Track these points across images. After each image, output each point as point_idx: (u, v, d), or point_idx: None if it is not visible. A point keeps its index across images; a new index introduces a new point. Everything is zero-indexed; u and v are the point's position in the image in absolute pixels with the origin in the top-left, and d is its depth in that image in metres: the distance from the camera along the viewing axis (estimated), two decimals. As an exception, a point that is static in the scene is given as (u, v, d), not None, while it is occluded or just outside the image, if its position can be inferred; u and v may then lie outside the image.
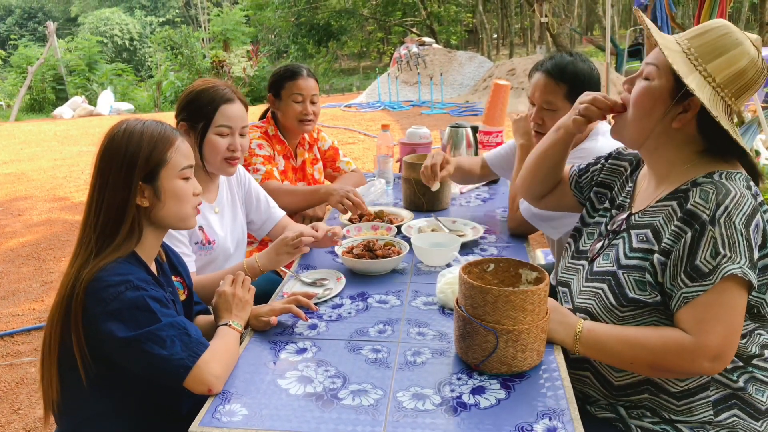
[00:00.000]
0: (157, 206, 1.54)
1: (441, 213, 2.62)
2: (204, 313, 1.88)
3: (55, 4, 38.52)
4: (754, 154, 4.43)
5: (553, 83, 2.16)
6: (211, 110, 2.09)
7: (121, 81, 18.61)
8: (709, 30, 1.45)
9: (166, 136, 1.55)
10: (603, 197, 1.79)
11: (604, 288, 1.53)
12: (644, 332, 1.43)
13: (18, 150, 9.91)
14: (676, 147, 1.51)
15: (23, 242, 5.47)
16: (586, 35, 22.50)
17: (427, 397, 1.35)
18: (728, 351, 1.36)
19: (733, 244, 1.34)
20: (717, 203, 1.36)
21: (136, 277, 1.46)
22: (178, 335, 1.43)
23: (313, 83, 2.84)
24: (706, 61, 1.42)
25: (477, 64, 14.87)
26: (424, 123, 9.58)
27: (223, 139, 2.11)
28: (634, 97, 1.52)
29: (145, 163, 1.50)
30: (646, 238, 1.49)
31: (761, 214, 1.39)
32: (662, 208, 1.49)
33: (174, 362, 1.40)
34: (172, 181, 1.55)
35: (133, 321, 1.41)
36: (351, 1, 24.03)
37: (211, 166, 2.16)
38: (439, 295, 1.79)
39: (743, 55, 1.41)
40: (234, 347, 1.55)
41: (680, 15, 17.54)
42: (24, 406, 3.04)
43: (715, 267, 1.34)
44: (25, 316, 4.03)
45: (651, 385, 1.48)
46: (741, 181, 1.42)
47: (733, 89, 1.43)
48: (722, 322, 1.34)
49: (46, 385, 1.53)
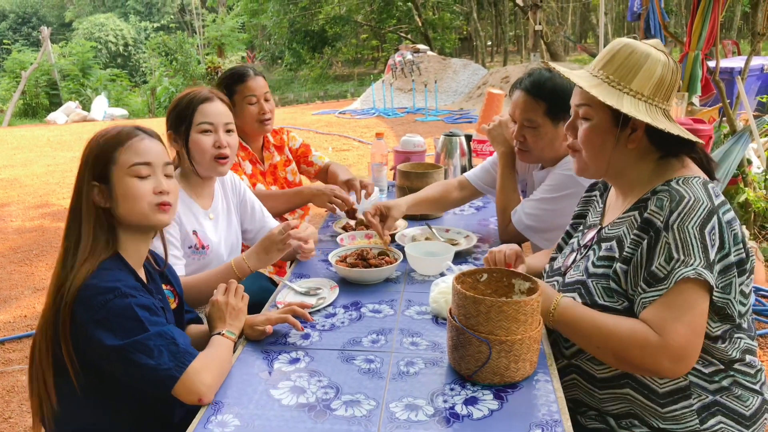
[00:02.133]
0: (113, 205, 1.54)
1: (435, 222, 2.62)
2: (195, 321, 1.88)
3: (49, 9, 38.45)
4: (746, 163, 4.45)
5: (532, 100, 2.19)
6: (190, 112, 2.11)
7: (115, 86, 18.58)
8: (615, 53, 1.53)
9: (120, 135, 1.56)
10: (578, 225, 1.85)
11: (575, 296, 1.57)
12: (617, 321, 1.45)
13: (11, 155, 9.87)
14: (636, 163, 1.58)
15: (14, 248, 5.44)
16: (580, 43, 22.63)
17: (419, 408, 1.35)
18: (690, 353, 1.39)
19: (686, 248, 1.38)
20: (671, 210, 1.41)
21: (125, 284, 1.46)
22: (165, 345, 1.42)
23: (263, 81, 2.79)
24: (628, 82, 1.51)
25: (471, 71, 14.93)
26: (419, 130, 9.60)
27: (206, 136, 2.11)
28: (583, 140, 1.58)
29: (94, 162, 1.53)
30: (611, 247, 1.54)
31: (719, 215, 1.42)
32: (626, 218, 1.55)
33: (161, 372, 1.40)
34: (122, 179, 1.54)
35: (121, 329, 1.40)
36: (346, 8, 24.08)
37: (202, 168, 2.15)
38: (433, 305, 1.79)
39: (656, 63, 1.50)
40: (227, 356, 1.54)
41: (673, 24, 17.66)
42: (15, 415, 3.01)
43: (670, 272, 1.38)
44: (16, 323, 4.01)
45: (632, 379, 1.50)
46: (698, 185, 1.46)
47: (662, 94, 1.51)
48: (682, 322, 1.37)
49: (35, 394, 1.53)
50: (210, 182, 2.25)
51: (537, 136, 2.20)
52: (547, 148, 2.23)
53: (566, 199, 2.15)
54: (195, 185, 2.19)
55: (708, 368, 1.47)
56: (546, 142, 2.21)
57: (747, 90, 5.91)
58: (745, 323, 1.52)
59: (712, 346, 1.47)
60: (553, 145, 2.22)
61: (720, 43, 5.15)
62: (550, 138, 2.20)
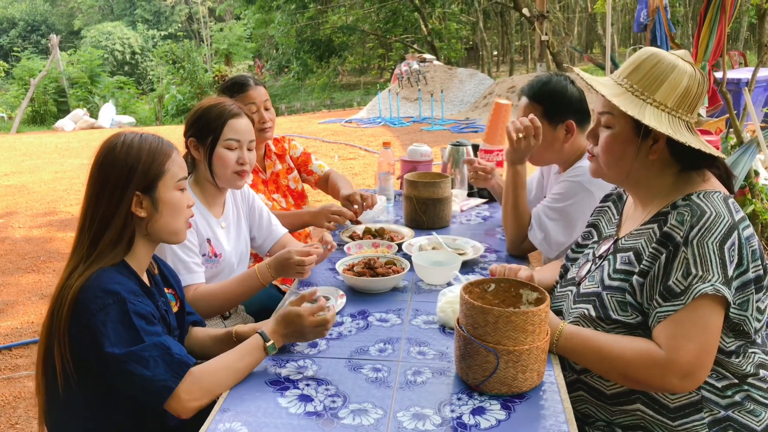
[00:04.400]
0: (153, 217, 1.57)
1: (441, 231, 2.63)
2: (199, 324, 1.89)
3: (58, 17, 38.73)
4: (753, 174, 4.44)
5: (530, 103, 2.26)
6: (219, 125, 2.13)
7: (122, 94, 18.69)
8: (641, 63, 1.52)
9: (164, 148, 1.60)
10: (590, 234, 1.83)
11: (589, 308, 1.56)
12: (620, 344, 1.45)
13: (19, 162, 9.92)
14: (656, 174, 1.56)
15: (22, 254, 5.46)
16: (586, 53, 22.62)
17: (427, 417, 1.35)
18: (699, 370, 1.38)
19: (705, 264, 1.37)
20: (691, 225, 1.40)
21: (125, 288, 1.47)
22: (161, 355, 1.44)
23: (263, 90, 2.81)
24: (652, 92, 1.49)
25: (477, 81, 14.94)
26: (425, 139, 9.61)
27: (231, 152, 2.14)
28: (603, 148, 1.58)
29: (144, 174, 1.54)
30: (628, 260, 1.53)
31: (739, 231, 1.41)
32: (645, 231, 1.54)
33: (157, 383, 1.42)
34: (169, 192, 1.59)
35: (117, 337, 1.42)
36: (353, 18, 24.18)
37: (221, 180, 2.18)
38: (440, 314, 1.80)
39: (682, 75, 1.48)
40: (243, 369, 1.52)
41: (679, 35, 17.66)
42: (21, 421, 3.02)
43: (687, 287, 1.38)
44: (24, 329, 4.03)
45: (643, 395, 1.50)
46: (718, 200, 1.45)
47: (686, 107, 1.49)
48: (694, 341, 1.37)
49: (40, 397, 1.55)
50: (223, 192, 2.27)
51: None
52: (547, 150, 2.26)
53: (574, 207, 2.17)
54: (208, 194, 2.21)
55: (721, 382, 1.47)
56: (545, 144, 2.24)
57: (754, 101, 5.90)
58: (759, 338, 1.51)
59: (726, 361, 1.46)
60: (553, 147, 2.26)
61: (727, 54, 5.15)
62: (549, 140, 2.24)
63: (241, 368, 1.52)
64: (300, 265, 1.94)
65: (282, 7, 23.28)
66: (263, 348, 1.56)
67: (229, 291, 2.03)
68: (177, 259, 2.00)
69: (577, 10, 24.80)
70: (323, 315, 1.57)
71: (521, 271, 1.84)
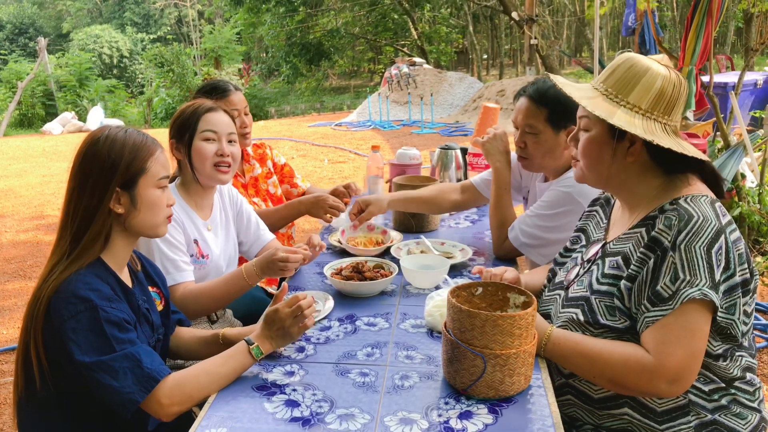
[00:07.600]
0: (132, 213, 1.56)
1: (430, 234, 2.62)
2: (184, 323, 1.88)
3: (46, 20, 38.50)
4: (740, 177, 4.47)
5: (535, 107, 2.22)
6: (194, 120, 2.14)
7: (111, 97, 18.59)
8: (617, 67, 1.54)
9: (148, 145, 1.59)
10: (578, 239, 1.83)
11: (578, 313, 1.56)
12: (609, 348, 1.46)
13: (6, 166, 9.85)
14: (638, 178, 1.57)
15: (9, 259, 5.42)
16: (575, 57, 22.74)
17: (414, 422, 1.35)
18: (687, 375, 1.39)
19: (692, 268, 1.38)
20: (679, 230, 1.40)
21: (99, 295, 1.45)
22: (131, 367, 1.42)
23: (242, 96, 2.83)
24: (625, 95, 1.51)
25: (467, 84, 14.98)
26: (414, 142, 9.62)
27: (209, 144, 2.14)
28: (582, 150, 1.60)
29: (125, 170, 1.54)
30: (617, 264, 1.54)
31: (726, 235, 1.42)
32: (633, 235, 1.54)
33: (123, 395, 1.40)
34: (149, 190, 1.58)
35: (88, 345, 1.41)
36: (342, 21, 24.20)
37: (202, 176, 2.16)
38: (428, 318, 1.79)
39: (656, 77, 1.49)
40: (226, 374, 1.51)
41: (667, 39, 17.80)
42: (7, 427, 2.99)
43: (675, 292, 1.38)
44: (10, 334, 3.99)
45: (630, 399, 1.50)
46: (705, 204, 1.46)
47: (662, 109, 1.50)
48: (683, 346, 1.37)
49: (16, 394, 1.54)
50: (210, 193, 2.26)
51: (537, 142, 2.22)
52: (547, 155, 2.24)
53: (563, 216, 2.15)
54: (195, 195, 2.20)
55: (708, 386, 1.47)
56: (546, 149, 2.22)
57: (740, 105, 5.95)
58: (746, 341, 1.51)
59: (714, 364, 1.47)
60: (553, 153, 2.23)
61: (714, 58, 5.19)
62: (550, 146, 2.22)
63: (224, 373, 1.50)
64: (284, 261, 1.93)
65: (272, 10, 23.26)
66: (248, 351, 1.54)
67: (216, 290, 2.02)
68: (165, 258, 1.99)
69: (567, 13, 24.93)
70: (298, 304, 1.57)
71: (507, 273, 1.83)
